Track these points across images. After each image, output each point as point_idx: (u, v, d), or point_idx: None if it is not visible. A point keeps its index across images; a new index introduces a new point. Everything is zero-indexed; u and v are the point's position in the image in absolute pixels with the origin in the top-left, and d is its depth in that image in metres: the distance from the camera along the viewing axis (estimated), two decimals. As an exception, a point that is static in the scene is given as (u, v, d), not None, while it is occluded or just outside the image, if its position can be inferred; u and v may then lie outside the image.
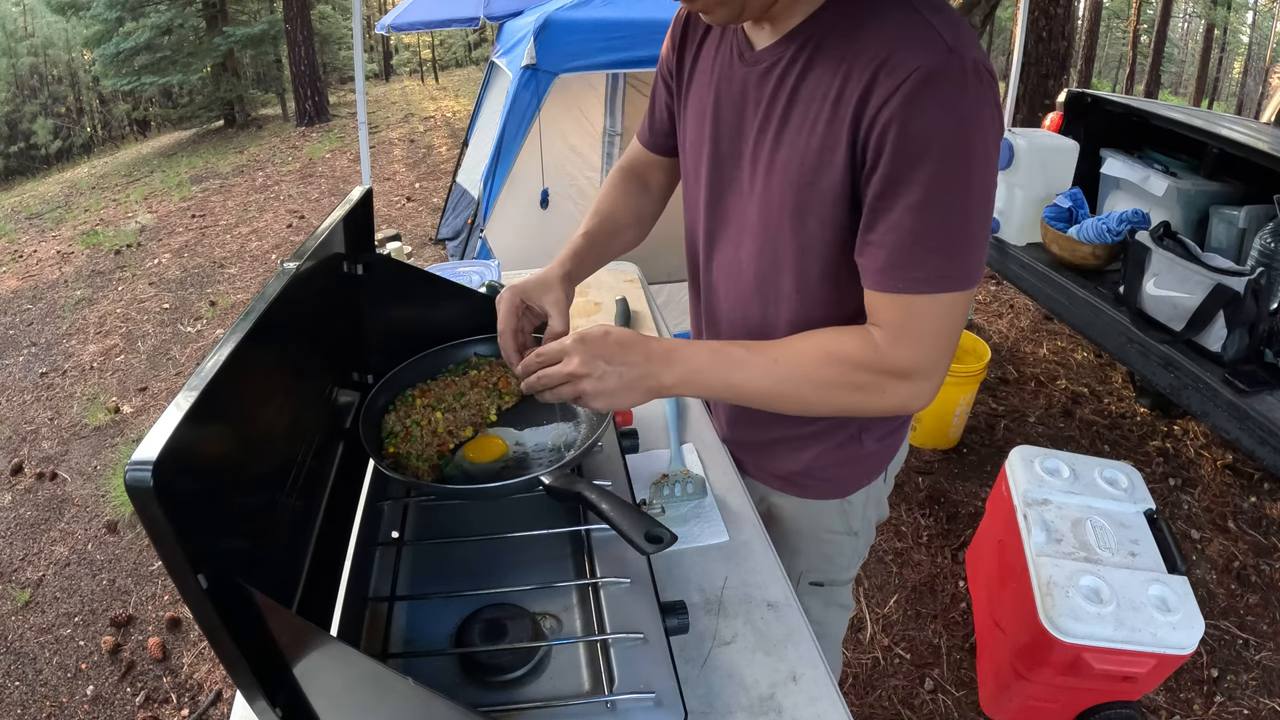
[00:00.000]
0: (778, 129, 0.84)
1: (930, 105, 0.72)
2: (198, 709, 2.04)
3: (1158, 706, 1.90)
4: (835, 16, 0.80)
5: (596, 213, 1.14)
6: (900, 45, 0.73)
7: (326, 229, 0.85)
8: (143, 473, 0.47)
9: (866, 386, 0.82)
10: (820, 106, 0.79)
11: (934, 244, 0.76)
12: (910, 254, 0.76)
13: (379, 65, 18.99)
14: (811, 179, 0.82)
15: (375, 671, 0.61)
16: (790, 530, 1.15)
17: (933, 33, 0.72)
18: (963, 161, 0.73)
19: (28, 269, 5.79)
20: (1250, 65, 25.29)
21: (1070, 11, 5.85)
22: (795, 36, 0.82)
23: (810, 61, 0.80)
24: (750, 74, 0.87)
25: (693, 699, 0.79)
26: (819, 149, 0.80)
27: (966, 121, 0.73)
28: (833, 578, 1.21)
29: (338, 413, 0.99)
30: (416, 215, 6.01)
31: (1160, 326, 2.34)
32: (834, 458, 1.07)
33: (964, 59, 0.71)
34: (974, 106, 0.72)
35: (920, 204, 0.74)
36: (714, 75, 0.93)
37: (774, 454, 1.11)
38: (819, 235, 0.85)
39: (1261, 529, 2.47)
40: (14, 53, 16.44)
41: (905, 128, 0.72)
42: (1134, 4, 16.82)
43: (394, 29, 5.07)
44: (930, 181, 0.73)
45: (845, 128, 0.77)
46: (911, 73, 0.71)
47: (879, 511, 1.19)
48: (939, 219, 0.75)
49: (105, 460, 3.19)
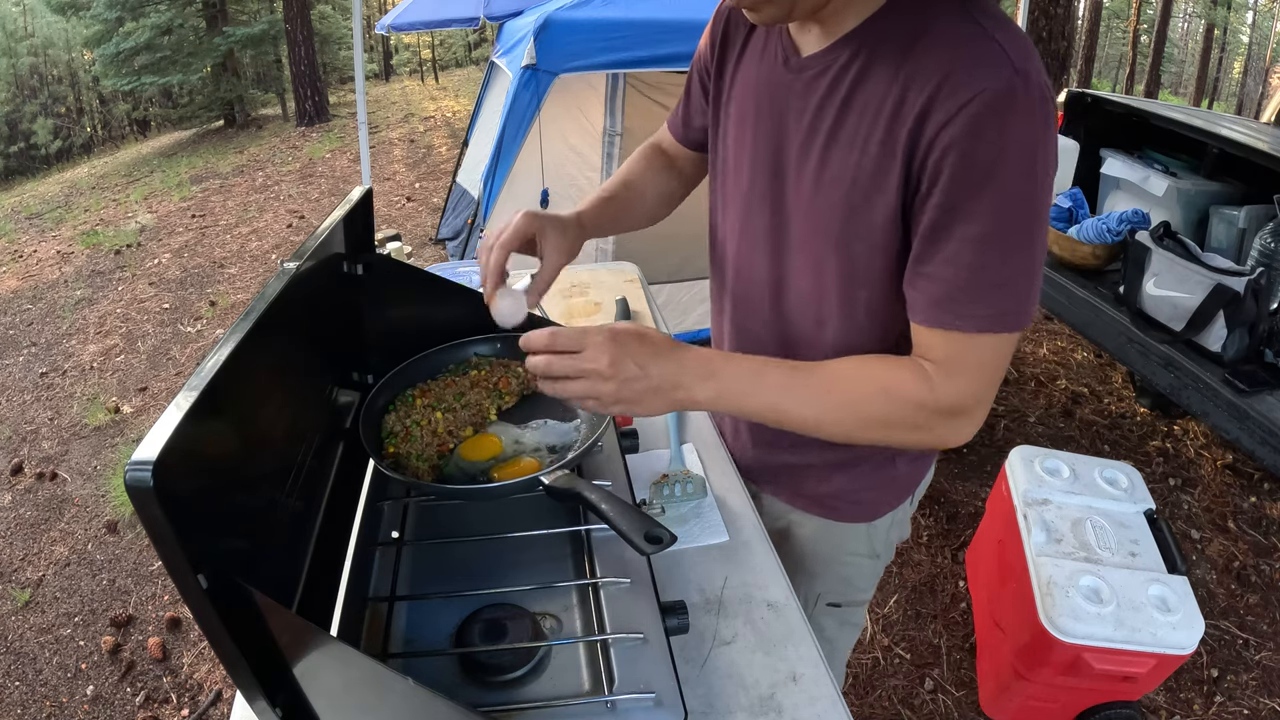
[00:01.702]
0: (826, 143, 0.79)
1: (995, 131, 0.67)
2: (198, 709, 2.04)
3: (1158, 706, 1.90)
4: (892, 24, 0.74)
5: (623, 181, 1.09)
6: (964, 63, 0.68)
7: (326, 229, 0.85)
8: (143, 473, 0.47)
9: (919, 425, 0.78)
10: (874, 122, 0.74)
11: (994, 279, 0.71)
12: (968, 290, 0.72)
13: (379, 65, 18.99)
14: (862, 201, 0.77)
15: (375, 671, 0.61)
16: (809, 552, 1.12)
17: (999, 51, 0.67)
18: (1026, 193, 0.69)
19: (28, 269, 5.79)
20: (1250, 65, 25.28)
21: (1070, 11, 5.85)
22: (848, 43, 0.76)
23: (864, 72, 0.75)
24: (795, 82, 0.82)
25: (693, 699, 0.79)
26: (872, 170, 0.75)
27: (1032, 149, 0.68)
28: (850, 599, 1.19)
29: (338, 413, 0.99)
30: (416, 215, 6.01)
31: (1160, 326, 2.34)
32: (867, 481, 1.04)
33: (1030, 81, 0.67)
34: (1040, 133, 0.68)
35: (981, 237, 0.70)
36: (756, 81, 0.88)
37: (804, 477, 1.07)
38: (867, 260, 0.81)
39: (1261, 529, 2.47)
40: (14, 53, 16.44)
41: (967, 153, 0.68)
42: (1134, 4, 16.82)
43: (394, 29, 5.06)
44: (992, 213, 0.69)
45: (900, 147, 0.72)
46: (976, 94, 0.66)
47: (901, 532, 1.16)
48: (1000, 254, 0.71)
49: (105, 460, 3.19)
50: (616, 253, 3.24)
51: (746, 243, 0.95)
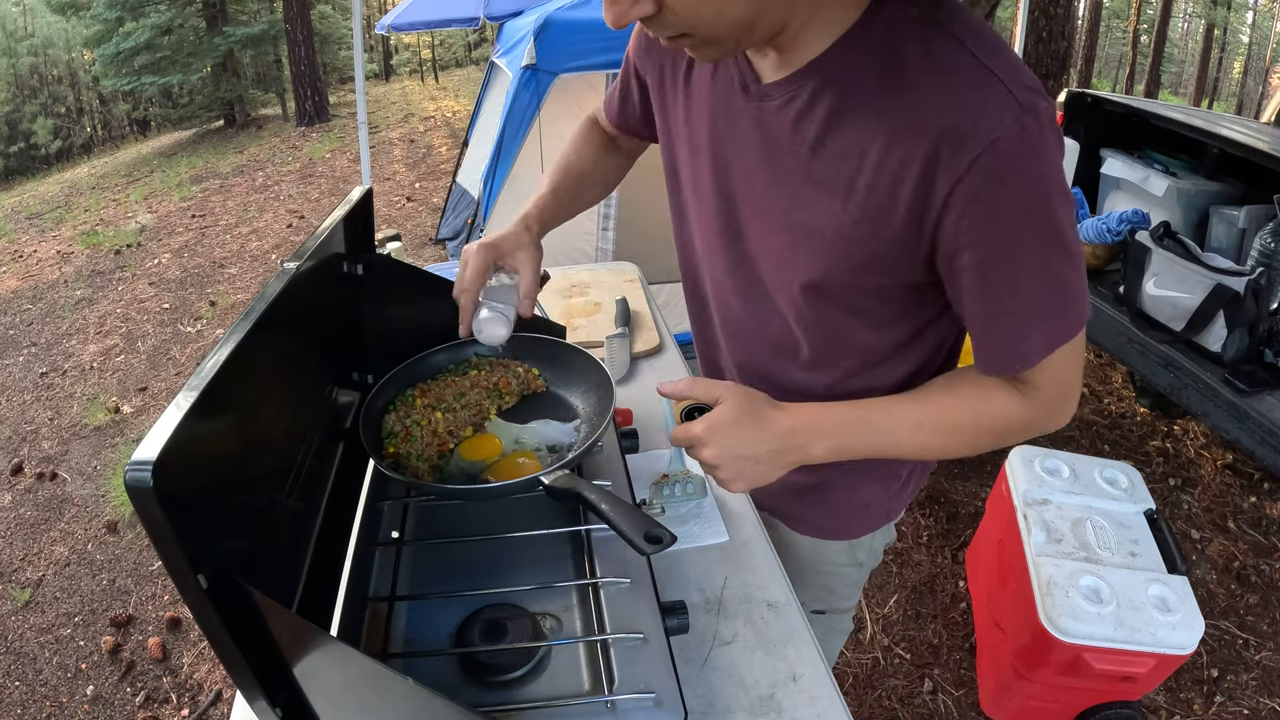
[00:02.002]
0: (799, 186, 0.74)
1: (1015, 181, 0.63)
2: (198, 709, 2.04)
3: (1158, 706, 1.90)
4: (859, 55, 0.67)
5: (565, 169, 1.08)
6: (966, 110, 0.62)
7: (326, 229, 0.85)
8: (143, 473, 0.47)
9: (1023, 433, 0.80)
10: (857, 169, 0.69)
11: (1042, 312, 0.70)
12: (1020, 333, 0.71)
13: (379, 65, 18.99)
14: (846, 248, 0.74)
15: (375, 671, 0.61)
16: (790, 560, 1.11)
17: (1000, 89, 0.61)
18: (1052, 224, 0.66)
19: (28, 269, 5.79)
20: (1250, 65, 25.29)
21: (1070, 11, 5.85)
22: (812, 73, 0.70)
23: (838, 110, 0.69)
24: (756, 111, 0.76)
25: (693, 699, 0.79)
26: (858, 218, 0.71)
27: (1049, 183, 0.64)
28: (834, 606, 1.20)
29: (338, 413, 0.99)
30: (416, 215, 6.01)
31: (1160, 326, 2.34)
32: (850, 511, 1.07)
33: (1039, 115, 0.62)
34: (1054, 163, 0.64)
35: (1020, 284, 0.68)
36: (711, 106, 0.81)
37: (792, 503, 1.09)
38: (864, 307, 0.80)
39: (1261, 529, 2.47)
40: (14, 53, 16.44)
41: (987, 210, 0.64)
42: (1134, 4, 16.82)
43: (394, 29, 5.07)
44: (1024, 257, 0.67)
45: (901, 204, 0.68)
46: (986, 147, 0.61)
47: (887, 538, 1.16)
48: (1043, 290, 0.69)
49: (105, 460, 3.19)
50: (616, 253, 3.24)
51: (718, 278, 0.93)
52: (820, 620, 1.19)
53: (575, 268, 1.83)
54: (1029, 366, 0.73)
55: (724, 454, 0.76)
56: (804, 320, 0.84)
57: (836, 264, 0.76)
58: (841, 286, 0.78)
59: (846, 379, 0.88)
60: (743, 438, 0.76)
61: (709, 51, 0.68)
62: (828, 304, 0.81)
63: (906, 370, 0.87)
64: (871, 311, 0.81)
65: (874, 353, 0.85)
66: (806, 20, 0.67)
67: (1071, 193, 0.71)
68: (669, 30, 0.64)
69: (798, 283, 0.80)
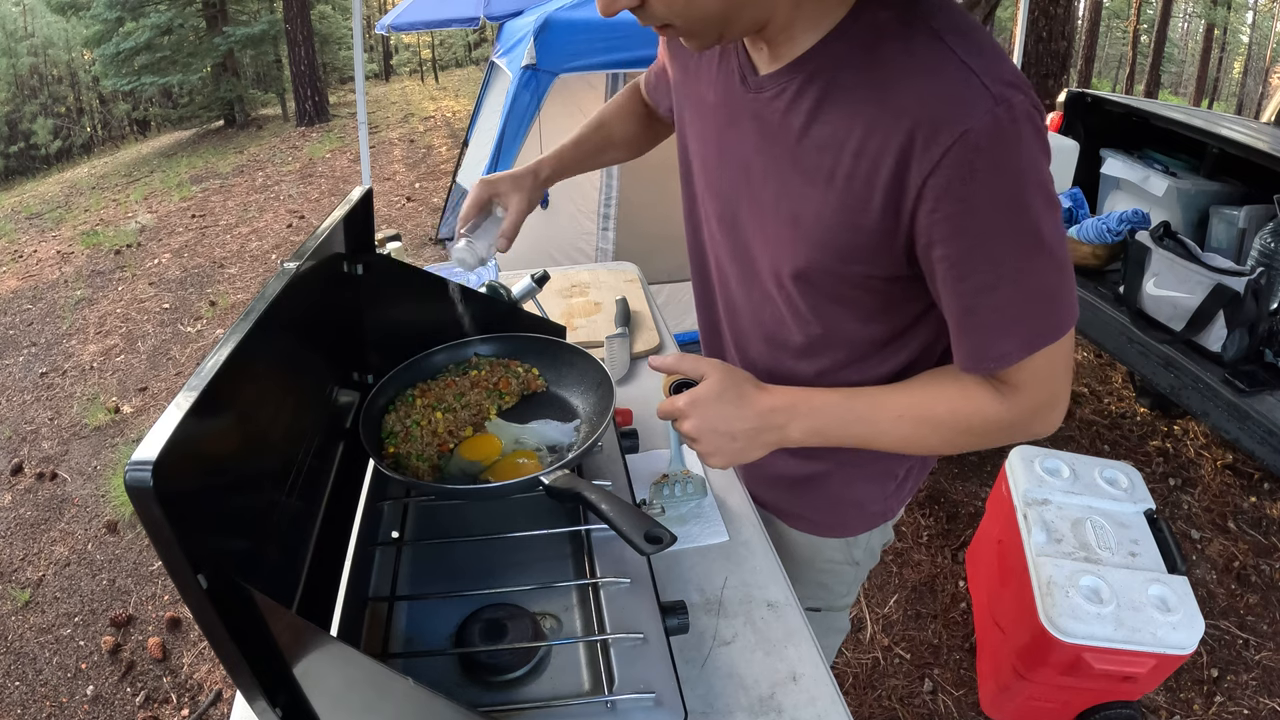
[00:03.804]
0: (783, 173, 0.76)
1: (986, 172, 0.63)
2: (198, 709, 2.04)
3: (1158, 706, 1.90)
4: (846, 50, 0.69)
5: (597, 124, 1.13)
6: (938, 101, 0.63)
7: (326, 229, 0.85)
8: (142, 473, 0.47)
9: (1004, 436, 0.79)
10: (837, 158, 0.70)
11: (1020, 311, 0.69)
12: (996, 331, 0.70)
13: (379, 65, 18.98)
14: (825, 237, 0.75)
15: (375, 671, 0.61)
16: (785, 557, 1.11)
17: (974, 82, 0.62)
18: (1027, 220, 0.65)
19: (28, 269, 5.79)
20: (1250, 65, 25.29)
21: (1070, 11, 5.85)
22: (801, 67, 0.72)
23: (821, 103, 0.71)
24: (753, 102, 0.78)
25: (693, 699, 0.79)
26: (838, 207, 0.72)
27: (1024, 177, 0.64)
28: (830, 604, 1.20)
29: (338, 413, 0.99)
30: (416, 215, 6.01)
31: (1160, 326, 2.34)
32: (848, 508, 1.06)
33: (1013, 108, 0.62)
34: (1031, 158, 0.64)
35: (995, 281, 0.67)
36: (715, 95, 0.84)
37: (789, 494, 1.09)
38: (851, 297, 0.80)
39: (1261, 529, 2.47)
40: (14, 53, 16.43)
41: (960, 200, 0.64)
42: (1134, 4, 16.82)
43: (394, 29, 5.07)
44: (999, 252, 0.66)
45: (877, 194, 0.68)
46: (958, 138, 0.62)
47: (884, 537, 1.16)
48: (1020, 289, 0.68)
49: (105, 460, 3.19)
50: (617, 253, 3.24)
51: (723, 265, 0.95)
52: (816, 618, 1.18)
53: (575, 268, 1.83)
54: (1005, 366, 0.72)
55: (704, 428, 0.78)
56: (795, 308, 0.85)
57: (820, 252, 0.77)
58: (827, 276, 0.79)
59: (837, 370, 0.88)
60: (723, 413, 0.78)
61: (692, 42, 0.72)
62: (816, 293, 0.82)
63: (898, 364, 0.87)
64: (858, 303, 0.81)
65: (863, 345, 0.86)
66: (791, 16, 0.70)
67: (1055, 192, 0.68)
68: (654, 20, 0.69)
69: (787, 271, 0.82)
